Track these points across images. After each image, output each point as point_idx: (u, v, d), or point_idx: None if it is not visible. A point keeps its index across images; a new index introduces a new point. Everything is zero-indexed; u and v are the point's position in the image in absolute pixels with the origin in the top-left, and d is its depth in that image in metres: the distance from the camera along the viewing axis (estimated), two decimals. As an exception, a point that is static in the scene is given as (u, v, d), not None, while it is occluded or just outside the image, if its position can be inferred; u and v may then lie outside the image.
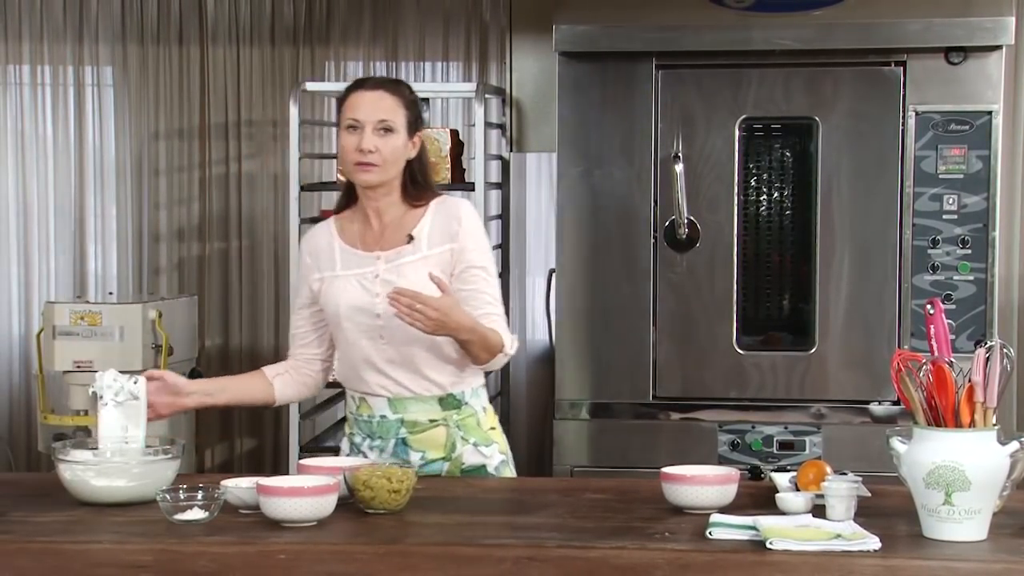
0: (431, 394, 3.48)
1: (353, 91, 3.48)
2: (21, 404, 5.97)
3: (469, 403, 3.52)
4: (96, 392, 3.27)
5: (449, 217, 3.49)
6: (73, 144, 5.95)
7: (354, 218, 3.56)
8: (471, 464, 3.50)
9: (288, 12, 5.86)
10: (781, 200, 4.86)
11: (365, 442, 3.52)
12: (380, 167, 3.43)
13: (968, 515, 2.73)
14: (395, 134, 3.43)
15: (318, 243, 3.57)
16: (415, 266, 3.44)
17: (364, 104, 3.44)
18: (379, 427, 3.49)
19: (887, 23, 4.63)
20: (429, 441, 3.48)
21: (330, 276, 3.51)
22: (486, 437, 3.54)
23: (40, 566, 2.68)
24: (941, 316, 2.95)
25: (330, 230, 3.57)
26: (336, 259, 3.52)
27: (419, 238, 3.47)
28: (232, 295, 5.96)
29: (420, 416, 3.47)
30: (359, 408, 3.53)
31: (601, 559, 2.67)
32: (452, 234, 3.47)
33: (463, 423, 3.50)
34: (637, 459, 4.74)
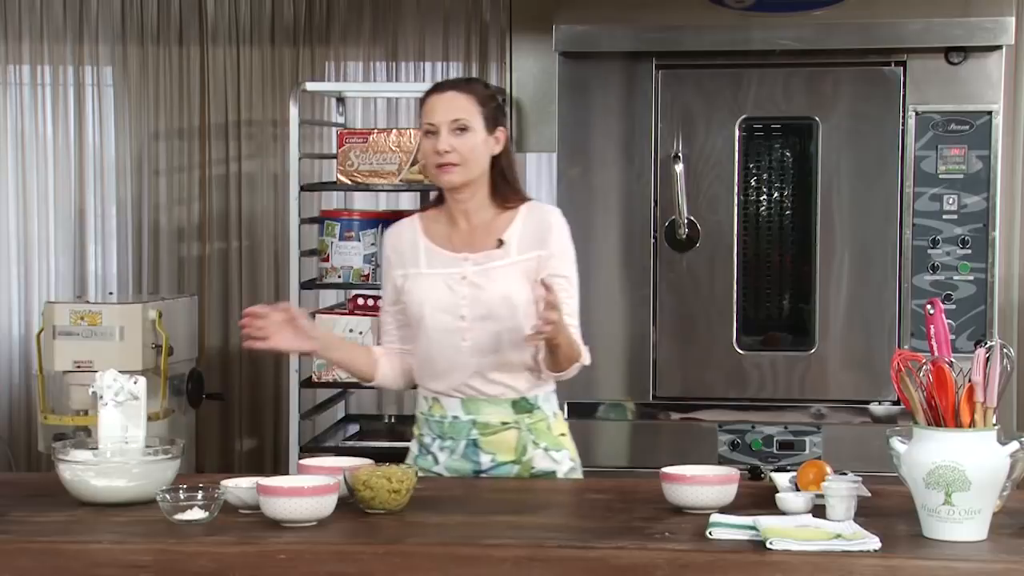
0: (505, 397, 3.48)
1: (428, 96, 3.49)
2: (21, 404, 5.97)
3: (541, 407, 3.52)
4: (96, 392, 3.27)
5: (540, 223, 3.49)
6: (73, 144, 5.95)
7: (440, 218, 3.55)
8: (541, 469, 3.49)
9: (288, 12, 5.86)
10: (781, 200, 4.86)
11: (435, 443, 3.52)
12: (460, 166, 3.42)
13: (968, 515, 2.73)
14: (471, 132, 3.43)
15: (402, 239, 3.56)
16: (504, 271, 3.45)
17: (438, 107, 3.44)
18: (451, 428, 3.49)
19: (887, 23, 4.63)
20: (500, 444, 3.47)
21: (414, 273, 3.51)
22: (557, 442, 3.54)
23: (40, 566, 2.68)
24: (941, 316, 2.95)
25: (415, 227, 3.56)
26: (420, 257, 3.51)
27: (509, 243, 3.46)
28: (232, 295, 5.96)
29: (492, 418, 3.47)
30: (431, 408, 3.53)
31: (601, 559, 2.67)
32: (542, 241, 3.47)
33: (534, 427, 3.50)
34: (637, 459, 4.74)
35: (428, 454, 3.52)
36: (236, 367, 5.95)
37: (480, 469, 3.48)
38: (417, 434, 3.59)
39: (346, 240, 5.13)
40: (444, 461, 3.49)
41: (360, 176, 5.11)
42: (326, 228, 5.18)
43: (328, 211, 5.39)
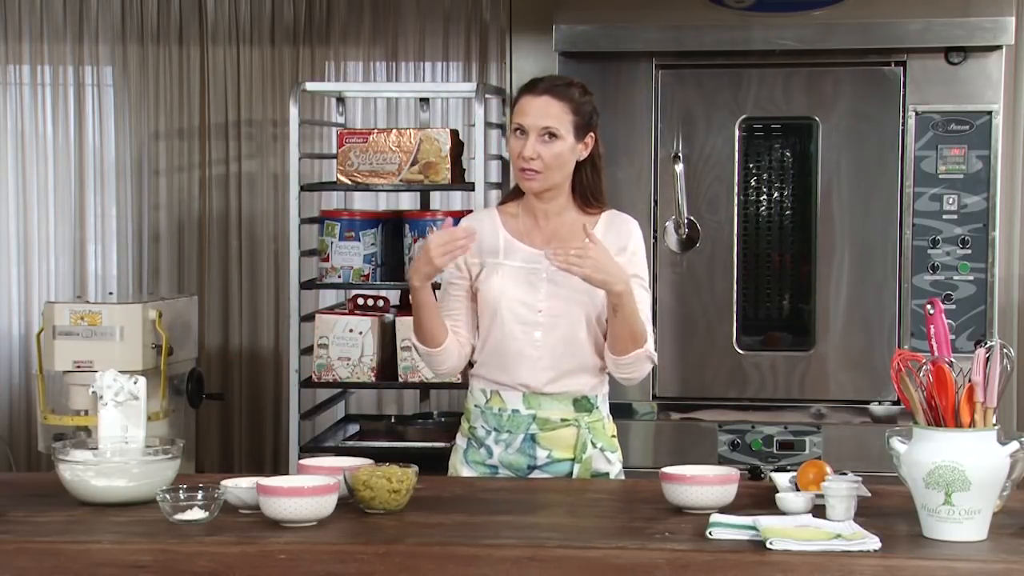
0: (567, 394, 3.48)
1: (523, 95, 3.49)
2: (21, 404, 5.97)
3: (599, 407, 3.54)
4: (96, 392, 3.27)
5: (621, 231, 3.54)
6: (73, 144, 5.95)
7: (519, 213, 3.56)
8: (596, 470, 3.50)
9: (288, 12, 5.86)
10: (781, 200, 4.86)
11: (491, 436, 3.51)
12: (543, 174, 3.44)
13: (968, 515, 2.73)
14: (560, 140, 3.44)
15: (482, 227, 3.54)
16: None
17: (530, 110, 3.44)
18: (509, 421, 3.49)
19: (887, 23, 4.63)
20: (558, 440, 3.48)
21: (493, 263, 3.51)
22: (611, 443, 3.55)
23: (40, 566, 2.68)
24: (941, 316, 2.95)
25: (493, 218, 3.57)
26: (500, 247, 3.52)
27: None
28: (232, 295, 5.96)
29: (553, 414, 3.48)
30: (489, 401, 3.52)
31: (601, 559, 2.67)
32: (622, 247, 3.50)
33: (593, 426, 3.51)
34: (637, 459, 4.74)
35: (481, 447, 3.52)
36: (236, 367, 5.95)
37: (535, 464, 3.48)
38: (468, 427, 3.57)
39: (346, 240, 5.13)
40: (499, 454, 3.49)
41: (360, 176, 5.11)
42: (326, 228, 5.18)
43: (328, 211, 5.39)
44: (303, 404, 5.23)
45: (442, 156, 5.06)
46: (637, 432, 4.78)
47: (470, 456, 3.54)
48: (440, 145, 5.06)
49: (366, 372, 5.09)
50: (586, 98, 3.51)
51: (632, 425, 4.78)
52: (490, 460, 3.51)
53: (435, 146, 5.05)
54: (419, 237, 5.11)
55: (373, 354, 5.08)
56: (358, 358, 5.08)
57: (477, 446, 3.53)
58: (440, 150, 5.06)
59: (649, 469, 3.37)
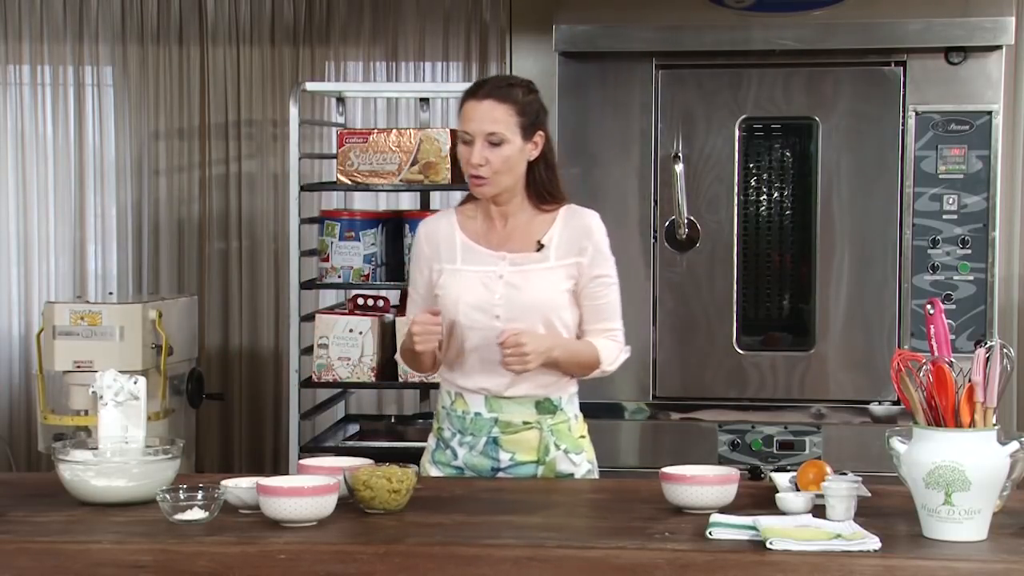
0: (530, 397, 3.47)
1: (466, 100, 3.43)
2: (21, 404, 5.97)
3: (564, 409, 3.52)
4: (96, 392, 3.27)
5: (579, 229, 3.49)
6: (73, 144, 5.95)
7: (476, 214, 3.53)
8: (561, 471, 3.49)
9: (288, 12, 5.86)
10: (781, 200, 4.86)
11: (455, 438, 3.51)
12: (492, 179, 3.40)
13: (968, 515, 2.73)
14: (507, 144, 3.39)
15: (438, 232, 3.53)
16: (541, 274, 3.44)
17: (475, 115, 3.39)
18: (472, 424, 3.48)
19: (887, 23, 4.63)
20: (520, 443, 3.47)
21: (450, 268, 3.49)
22: (576, 445, 3.53)
23: (40, 566, 2.68)
24: (941, 316, 2.95)
25: (451, 221, 3.54)
26: (457, 252, 3.49)
27: (548, 247, 3.46)
28: (232, 295, 5.96)
29: (515, 417, 3.47)
30: (454, 403, 3.51)
31: (601, 559, 2.67)
32: (582, 248, 3.47)
33: (556, 428, 3.49)
34: (637, 459, 4.74)
35: (447, 448, 3.52)
36: (236, 367, 5.95)
37: (498, 467, 3.47)
38: (437, 428, 3.57)
39: (346, 240, 5.13)
40: (463, 456, 3.49)
41: (360, 176, 5.11)
42: (326, 228, 5.18)
43: (328, 211, 5.39)
44: (303, 404, 5.23)
45: (442, 156, 5.06)
46: (636, 432, 4.78)
47: (437, 457, 3.53)
48: (440, 145, 5.06)
49: (366, 372, 5.09)
50: (531, 97, 3.45)
51: (632, 425, 4.78)
52: (455, 462, 3.50)
53: (435, 146, 5.06)
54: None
55: (373, 354, 5.08)
56: (358, 358, 5.08)
57: (443, 447, 3.53)
58: (440, 150, 5.06)
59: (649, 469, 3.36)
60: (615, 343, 3.53)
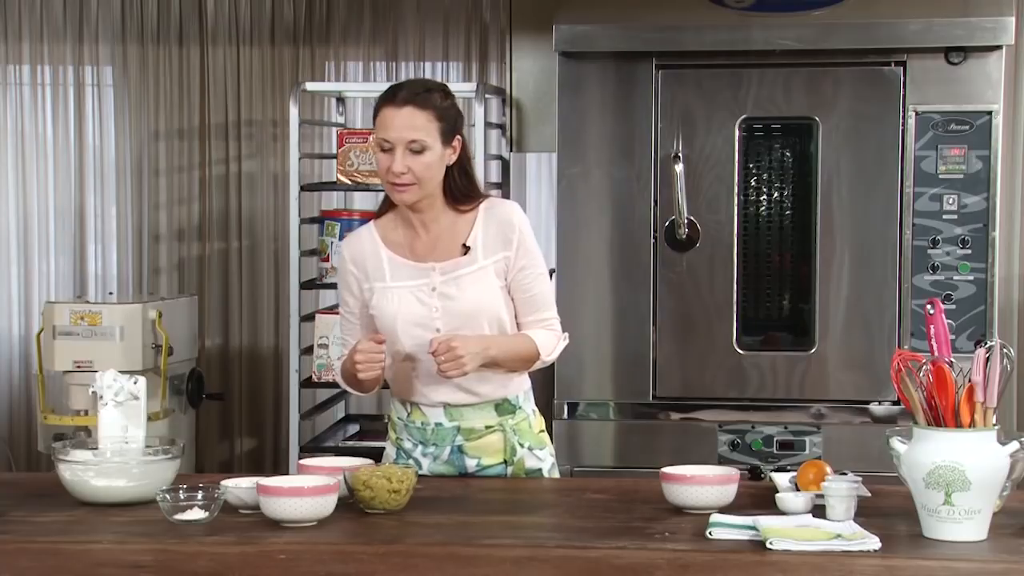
0: (487, 400, 3.44)
1: (383, 106, 3.34)
2: (21, 404, 5.97)
3: (522, 407, 3.50)
4: (96, 392, 3.27)
5: (502, 223, 3.43)
6: (73, 144, 5.95)
7: (396, 225, 3.46)
8: (529, 468, 3.48)
9: (288, 12, 5.86)
10: (781, 200, 4.86)
11: (417, 448, 3.47)
12: (415, 186, 3.33)
13: (968, 515, 2.73)
14: (428, 151, 3.32)
15: (363, 251, 3.45)
16: (473, 277, 3.40)
17: (394, 123, 3.31)
18: (434, 434, 3.45)
19: (887, 23, 4.63)
20: (485, 447, 3.45)
21: (381, 287, 3.42)
22: (539, 440, 3.52)
23: (40, 566, 2.68)
24: (941, 316, 2.95)
25: (373, 237, 3.46)
26: (385, 269, 3.43)
27: (475, 248, 3.41)
28: (232, 295, 5.96)
29: (477, 423, 3.44)
30: (411, 415, 3.47)
31: (601, 559, 2.67)
32: (507, 241, 3.41)
33: (518, 427, 3.47)
34: (637, 459, 4.74)
35: (409, 459, 3.47)
36: (236, 367, 5.95)
37: (466, 473, 3.45)
38: (394, 438, 3.52)
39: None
40: (428, 466, 3.45)
41: (360, 176, 5.11)
42: (326, 228, 5.18)
43: (328, 211, 5.39)
44: (303, 404, 5.23)
45: (442, 156, 5.05)
46: (636, 432, 4.78)
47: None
48: (440, 145, 5.05)
49: (366, 372, 5.08)
50: (448, 102, 3.38)
51: (632, 425, 4.78)
52: (420, 472, 3.41)
53: (435, 146, 5.05)
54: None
55: (373, 354, 5.07)
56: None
57: (405, 457, 3.48)
58: (440, 150, 5.05)
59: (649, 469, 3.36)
60: (552, 332, 3.47)
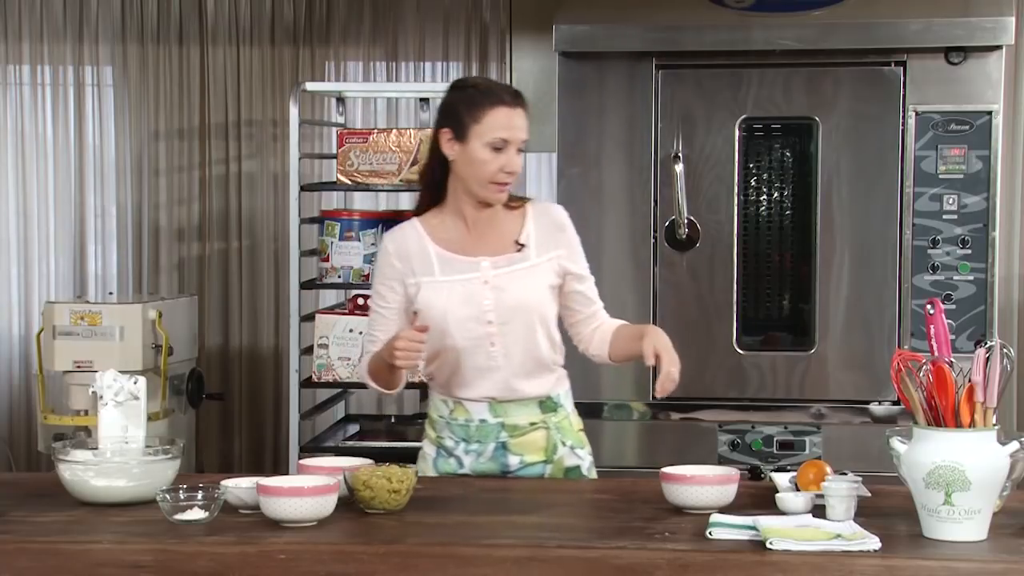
0: (532, 397, 3.45)
1: (495, 105, 3.38)
2: (21, 404, 5.97)
3: (563, 405, 3.51)
4: (96, 392, 3.27)
5: (551, 223, 3.49)
6: (73, 144, 5.96)
7: (443, 221, 3.48)
8: (568, 466, 3.48)
9: (288, 12, 5.87)
10: (781, 200, 4.86)
11: (460, 446, 3.47)
12: (510, 185, 3.41)
13: (968, 515, 2.73)
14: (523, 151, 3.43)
15: (408, 246, 3.46)
16: (526, 272, 3.43)
17: (512, 123, 3.37)
18: (478, 431, 3.45)
19: (887, 23, 4.63)
20: (529, 444, 3.45)
21: (429, 281, 3.43)
22: (579, 439, 3.54)
23: (40, 566, 2.68)
24: (941, 316, 2.95)
25: (418, 232, 3.47)
26: (433, 263, 3.43)
27: (528, 245, 3.45)
28: (232, 295, 5.96)
29: (521, 419, 3.44)
30: (453, 412, 3.47)
31: (601, 559, 2.67)
32: (557, 241, 3.47)
33: (560, 425, 3.49)
34: (637, 459, 4.74)
35: (451, 457, 3.48)
36: (236, 367, 5.95)
37: (508, 471, 3.45)
38: (434, 437, 3.51)
39: (346, 240, 5.13)
40: (470, 464, 3.46)
41: (360, 176, 5.11)
42: (326, 228, 5.19)
43: (328, 211, 5.39)
44: (303, 404, 5.23)
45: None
46: (636, 432, 4.78)
47: (441, 467, 3.48)
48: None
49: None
50: None
51: (632, 425, 4.78)
52: (461, 470, 3.45)
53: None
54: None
55: (373, 354, 5.07)
56: (358, 358, 5.08)
57: (446, 455, 3.48)
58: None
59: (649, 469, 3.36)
60: None
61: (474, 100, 3.39)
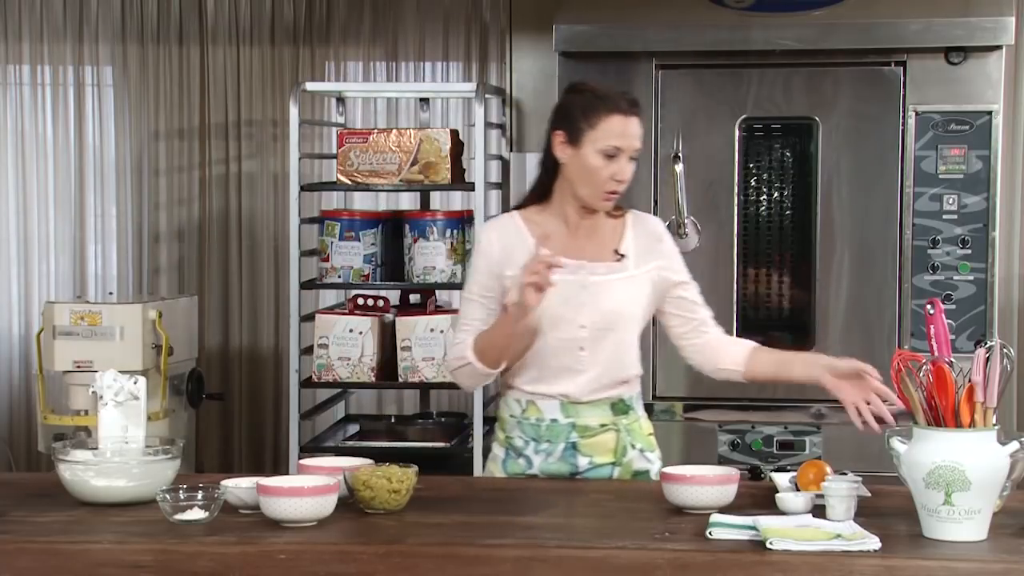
0: (606, 399, 3.45)
1: (611, 113, 3.35)
2: (21, 404, 5.97)
3: (635, 408, 3.51)
4: (96, 392, 3.27)
5: (650, 235, 3.49)
6: (73, 144, 5.95)
7: (547, 221, 3.45)
8: (637, 469, 3.47)
9: (288, 12, 5.86)
10: (781, 200, 4.86)
11: (530, 446, 3.46)
12: (620, 194, 3.40)
13: (968, 515, 2.73)
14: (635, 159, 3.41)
15: (509, 239, 3.43)
16: (624, 282, 3.42)
17: (627, 131, 3.35)
18: (548, 431, 3.44)
19: (887, 23, 4.63)
20: (598, 446, 3.44)
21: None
22: (649, 442, 3.53)
23: (40, 566, 2.68)
24: (941, 316, 2.95)
25: (519, 226, 3.46)
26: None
27: (628, 256, 3.44)
28: (232, 295, 5.96)
29: (592, 421, 3.44)
30: (525, 411, 3.46)
31: (601, 559, 2.67)
32: (657, 252, 3.48)
33: (631, 428, 3.48)
34: (637, 459, 4.73)
35: (520, 457, 3.47)
36: (236, 367, 5.95)
37: (577, 472, 3.44)
38: (503, 437, 3.50)
39: (346, 240, 5.13)
40: (539, 464, 3.44)
41: (360, 176, 5.11)
42: (326, 228, 5.19)
43: (328, 211, 5.39)
44: (303, 404, 5.23)
45: (442, 156, 5.06)
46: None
47: (509, 467, 3.47)
48: (440, 145, 5.06)
49: (366, 372, 5.09)
50: None
51: (632, 425, 4.78)
52: (530, 470, 3.45)
53: (435, 146, 5.06)
54: (419, 237, 5.11)
55: (373, 354, 5.08)
56: (358, 358, 5.08)
57: (515, 456, 3.47)
58: (440, 150, 5.06)
59: (649, 469, 3.36)
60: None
61: (591, 105, 3.37)
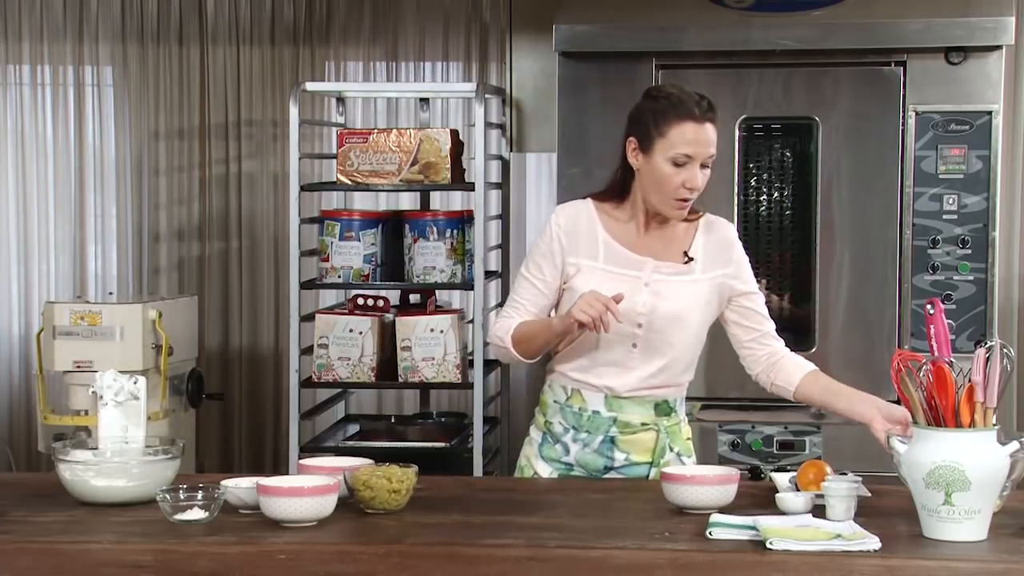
0: (651, 398, 3.44)
1: (683, 119, 3.32)
2: (21, 404, 5.97)
3: (677, 411, 3.50)
4: (96, 392, 3.27)
5: (721, 241, 3.47)
6: (73, 144, 5.95)
7: (621, 215, 3.45)
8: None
9: (288, 12, 5.86)
10: (781, 200, 4.86)
11: (568, 433, 3.47)
12: (692, 202, 3.38)
13: (968, 515, 2.73)
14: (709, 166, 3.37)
15: (578, 225, 3.43)
16: (688, 286, 3.41)
17: (699, 138, 3.31)
18: (589, 421, 3.44)
19: (887, 23, 4.63)
20: (637, 443, 3.44)
21: (589, 266, 3.40)
22: (687, 447, 3.52)
23: (40, 566, 2.68)
24: (941, 316, 2.95)
25: (591, 215, 3.45)
26: (599, 249, 3.41)
27: (696, 260, 3.43)
28: (232, 295, 5.96)
29: (634, 418, 3.44)
30: (570, 399, 3.47)
31: (601, 559, 2.67)
32: (725, 260, 3.46)
33: (671, 430, 3.47)
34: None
35: (558, 443, 3.47)
36: (236, 367, 5.95)
37: (612, 465, 3.44)
38: (543, 421, 3.51)
39: (346, 240, 5.13)
40: (575, 453, 3.45)
41: (360, 176, 5.11)
42: (326, 228, 5.18)
43: (328, 211, 5.39)
44: (303, 404, 5.23)
45: (442, 156, 5.06)
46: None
47: (545, 452, 3.49)
48: (440, 145, 5.06)
49: (366, 372, 5.09)
50: None
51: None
52: (566, 457, 3.46)
53: (435, 146, 5.05)
54: (419, 237, 5.11)
55: (373, 354, 5.08)
56: (358, 358, 5.08)
57: (553, 442, 3.48)
58: (440, 150, 5.06)
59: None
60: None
61: (662, 112, 3.34)
